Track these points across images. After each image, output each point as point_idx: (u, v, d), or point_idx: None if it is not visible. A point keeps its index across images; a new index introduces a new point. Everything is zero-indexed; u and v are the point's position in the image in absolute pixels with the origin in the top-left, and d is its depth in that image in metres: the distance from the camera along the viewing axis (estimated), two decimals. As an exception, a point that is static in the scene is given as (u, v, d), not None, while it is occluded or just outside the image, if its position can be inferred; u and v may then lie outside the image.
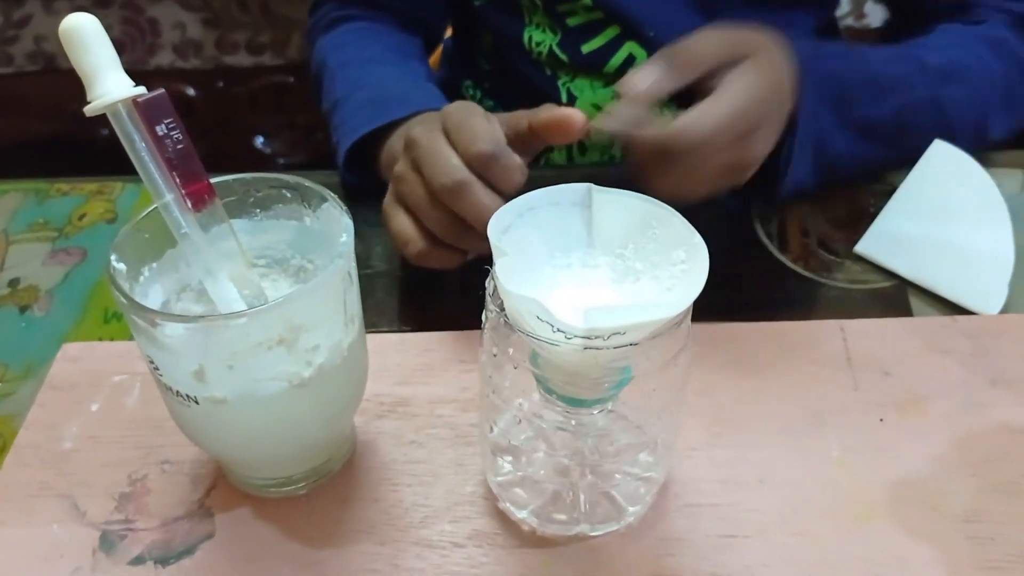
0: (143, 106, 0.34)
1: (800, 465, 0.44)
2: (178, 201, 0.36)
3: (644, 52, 0.68)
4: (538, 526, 0.41)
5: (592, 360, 0.33)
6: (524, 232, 0.35)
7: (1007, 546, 0.40)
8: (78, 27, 0.33)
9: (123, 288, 0.35)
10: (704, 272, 0.33)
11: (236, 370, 0.36)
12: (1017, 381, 0.47)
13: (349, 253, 0.37)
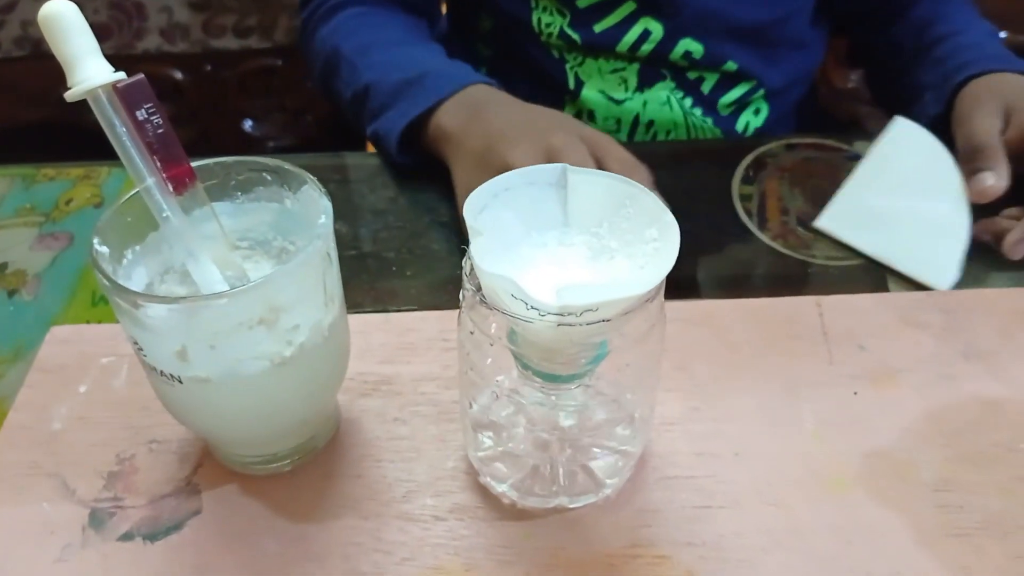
0: (123, 91, 0.35)
1: (775, 438, 0.44)
2: (159, 185, 0.36)
3: (660, 26, 0.68)
4: (518, 499, 0.42)
5: (566, 336, 0.34)
6: (500, 212, 0.36)
7: (975, 513, 0.41)
8: (57, 14, 0.34)
9: (106, 271, 0.36)
10: (675, 250, 0.34)
11: (218, 350, 0.36)
12: (989, 354, 0.48)
13: (328, 234, 0.38)
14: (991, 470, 0.43)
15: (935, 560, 0.39)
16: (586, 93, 0.72)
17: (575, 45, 0.70)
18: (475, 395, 0.42)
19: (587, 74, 0.72)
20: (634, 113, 0.72)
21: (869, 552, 0.40)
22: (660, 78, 0.71)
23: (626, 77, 0.71)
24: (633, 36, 0.69)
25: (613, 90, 0.71)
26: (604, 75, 0.71)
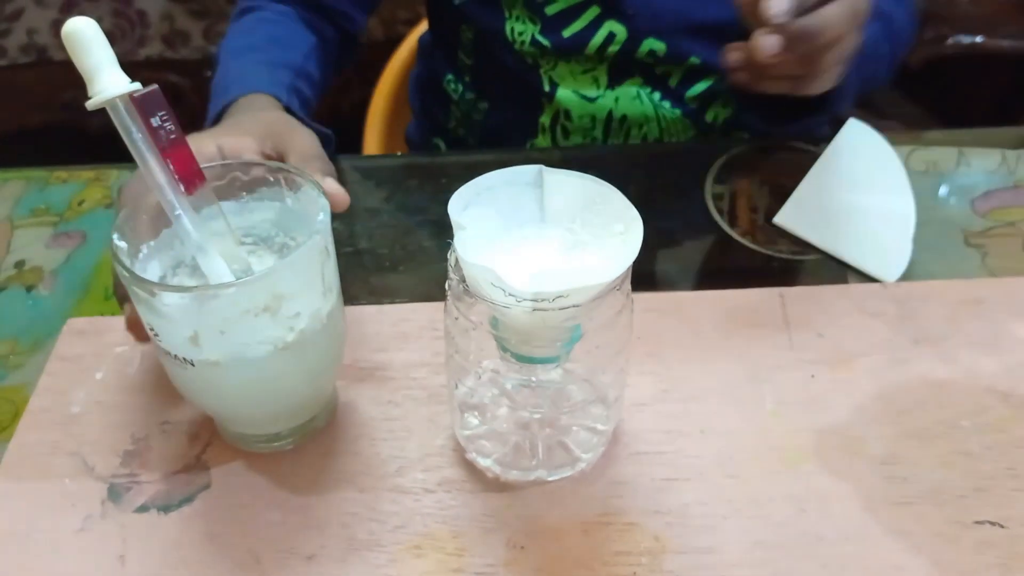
0: (139, 101, 0.38)
1: (737, 417, 0.48)
2: (172, 185, 0.40)
3: (623, 28, 0.72)
4: (501, 473, 0.45)
5: (542, 321, 0.38)
6: (482, 209, 0.40)
7: (918, 484, 0.45)
8: (78, 30, 0.37)
9: (124, 263, 0.39)
10: (639, 241, 0.37)
11: (227, 335, 0.40)
12: (938, 340, 0.52)
13: (326, 230, 0.42)
14: (934, 445, 0.47)
15: (880, 525, 0.43)
16: (560, 94, 0.75)
17: (547, 50, 0.74)
18: (461, 378, 0.45)
19: (560, 76, 0.75)
20: (607, 109, 0.76)
21: (820, 518, 0.43)
22: (629, 75, 0.75)
23: (597, 76, 0.74)
24: (599, 39, 0.72)
25: (586, 89, 0.75)
26: (576, 76, 0.74)
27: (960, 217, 0.62)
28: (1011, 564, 0.42)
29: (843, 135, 0.63)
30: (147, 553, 0.43)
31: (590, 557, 0.42)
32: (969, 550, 0.42)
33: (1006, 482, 0.45)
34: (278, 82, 0.64)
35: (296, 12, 0.75)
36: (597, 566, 0.42)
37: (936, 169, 0.66)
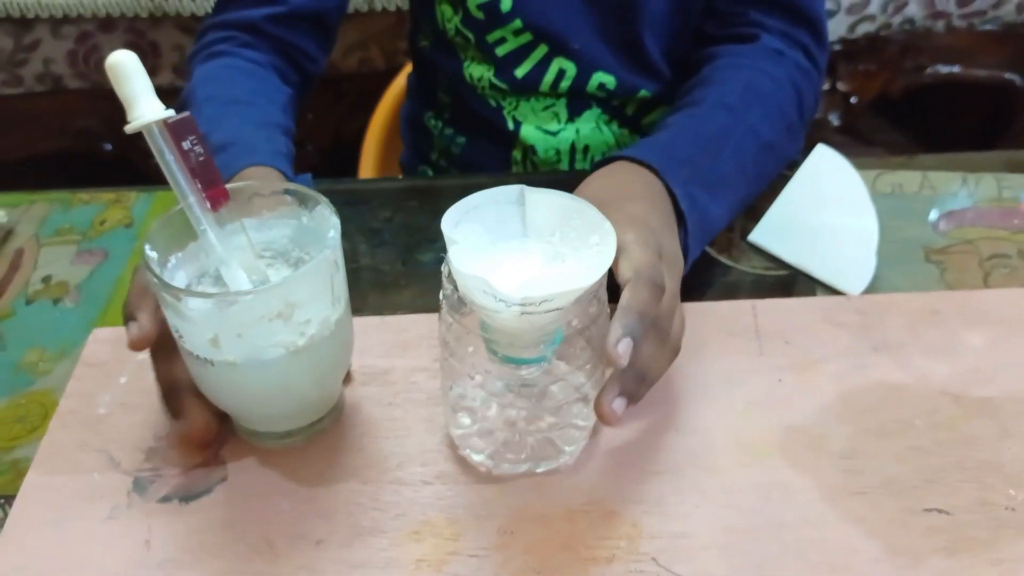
0: (172, 126, 0.43)
1: (710, 415, 0.52)
2: (199, 202, 0.44)
3: (572, 64, 0.76)
4: (492, 467, 0.49)
5: (528, 324, 0.42)
6: (471, 226, 0.44)
7: (873, 476, 0.49)
8: (121, 62, 0.42)
9: (155, 271, 0.43)
10: (612, 252, 0.42)
11: (244, 338, 0.44)
12: (896, 347, 0.56)
13: (336, 245, 0.46)
14: (889, 441, 0.51)
15: (838, 513, 0.47)
16: (524, 131, 0.80)
17: (506, 91, 0.78)
18: (455, 381, 0.49)
19: (522, 115, 0.80)
20: (570, 142, 0.80)
21: (784, 505, 0.47)
22: (587, 107, 0.79)
23: (557, 112, 0.79)
24: (551, 76, 0.77)
25: (548, 124, 0.79)
26: (538, 113, 0.79)
27: (922, 235, 0.66)
28: (955, 547, 0.45)
29: (812, 160, 0.68)
30: (170, 539, 0.47)
31: (574, 541, 0.46)
32: (918, 534, 0.46)
33: (953, 474, 0.49)
34: (276, 152, 0.65)
35: (267, 59, 0.77)
36: (580, 549, 0.46)
37: (901, 191, 0.70)
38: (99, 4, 1.33)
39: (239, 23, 0.77)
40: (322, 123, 1.50)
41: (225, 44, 0.77)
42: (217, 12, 0.79)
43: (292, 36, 0.79)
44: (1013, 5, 1.44)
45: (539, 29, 0.75)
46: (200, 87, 0.72)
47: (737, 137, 0.64)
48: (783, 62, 0.71)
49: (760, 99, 0.68)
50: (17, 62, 1.38)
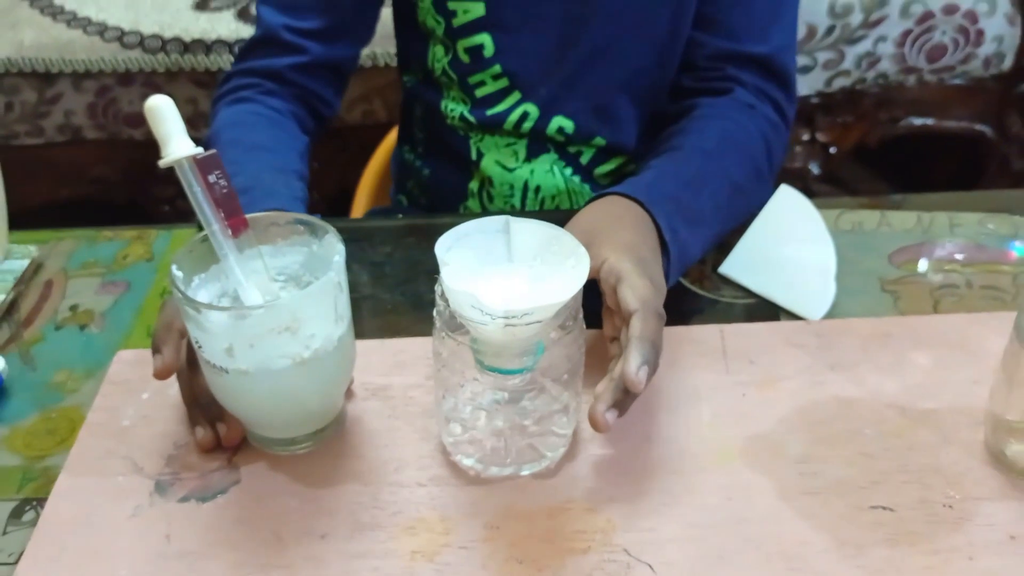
0: (200, 162, 0.48)
1: (680, 426, 0.57)
2: (222, 230, 0.50)
3: (535, 107, 0.83)
4: (481, 470, 0.54)
5: (512, 336, 0.47)
6: (462, 251, 0.50)
7: (825, 479, 0.54)
8: (158, 106, 0.48)
9: (179, 288, 0.49)
10: (586, 271, 0.47)
11: (255, 348, 0.49)
12: (850, 366, 0.61)
13: (340, 268, 0.51)
14: (841, 448, 0.55)
15: (792, 510, 0.52)
16: (485, 163, 0.87)
17: (474, 125, 0.85)
18: (447, 392, 0.54)
19: (486, 148, 0.86)
20: (524, 180, 0.86)
21: (744, 504, 0.52)
22: (545, 150, 0.86)
23: (517, 150, 0.86)
24: (515, 117, 0.83)
25: (507, 160, 0.86)
26: (500, 148, 0.86)
27: (878, 268, 0.71)
28: (897, 539, 0.50)
29: (776, 199, 0.74)
30: (188, 534, 0.52)
31: (553, 535, 0.51)
32: (864, 528, 0.51)
33: (898, 476, 0.54)
34: (293, 196, 0.71)
35: (289, 107, 0.83)
36: (559, 541, 0.50)
37: (861, 228, 0.76)
38: (119, 59, 1.41)
39: (263, 71, 0.84)
40: (327, 172, 1.57)
41: (250, 91, 0.83)
42: (242, 60, 0.86)
43: (312, 84, 0.85)
44: (980, 61, 1.52)
45: (514, 75, 0.82)
46: (225, 130, 0.79)
47: (714, 180, 0.71)
48: (755, 116, 0.78)
49: (734, 147, 0.74)
50: (40, 114, 1.45)
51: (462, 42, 0.82)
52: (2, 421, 0.61)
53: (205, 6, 1.45)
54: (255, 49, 0.85)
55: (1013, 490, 0.53)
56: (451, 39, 0.83)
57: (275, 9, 0.84)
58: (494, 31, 0.81)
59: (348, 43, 0.87)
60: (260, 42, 0.85)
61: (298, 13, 0.83)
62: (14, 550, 0.52)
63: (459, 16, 0.81)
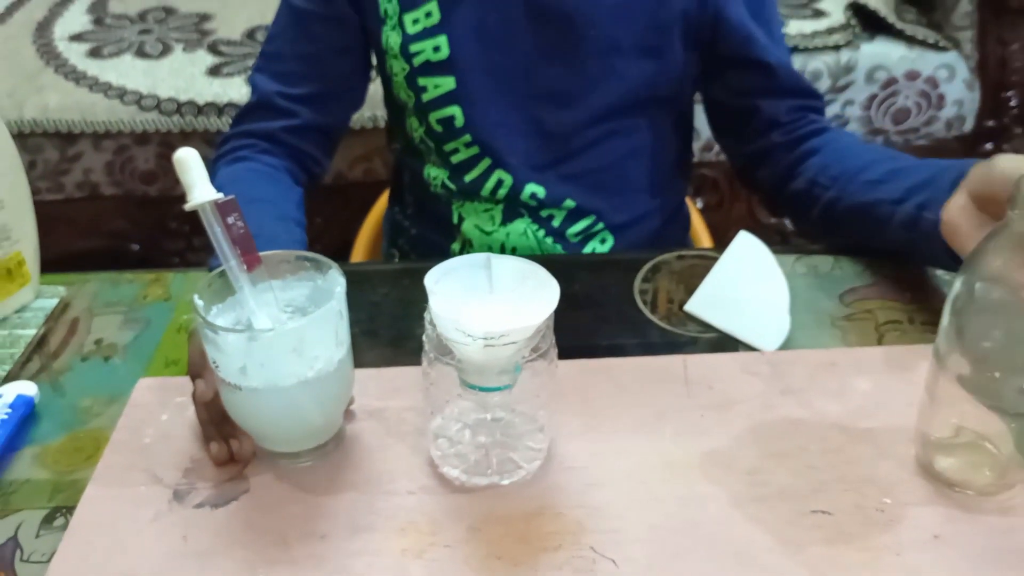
0: (220, 206, 0.56)
1: (644, 443, 0.63)
2: (238, 265, 0.57)
3: (508, 176, 0.90)
4: (465, 481, 0.60)
5: (491, 356, 0.54)
6: (448, 283, 0.56)
7: (772, 487, 0.60)
8: (185, 158, 0.55)
9: (201, 313, 0.55)
10: (555, 300, 0.54)
11: (265, 368, 0.56)
12: (798, 391, 0.68)
13: (341, 298, 0.58)
14: (787, 461, 0.61)
15: (741, 514, 0.58)
16: (465, 227, 0.94)
17: (455, 192, 0.93)
18: (435, 408, 0.60)
19: (466, 212, 0.94)
20: (500, 242, 0.93)
21: (699, 510, 0.58)
22: (519, 215, 0.93)
23: (493, 215, 0.93)
24: (491, 184, 0.91)
25: (485, 224, 0.93)
26: (478, 213, 0.93)
27: (829, 306, 0.78)
28: (834, 539, 0.56)
29: (735, 245, 0.81)
30: (203, 535, 0.57)
31: (529, 535, 0.57)
32: (805, 530, 0.57)
33: (837, 485, 0.60)
34: (293, 240, 0.79)
35: (282, 164, 0.91)
36: (534, 541, 0.56)
37: (815, 272, 0.83)
38: (136, 121, 1.49)
39: (259, 132, 0.91)
40: (330, 226, 1.65)
41: (246, 150, 0.90)
42: (238, 124, 0.93)
43: (303, 144, 0.92)
44: (942, 123, 1.61)
45: (484, 144, 0.89)
46: (226, 187, 0.84)
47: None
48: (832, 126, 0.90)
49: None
50: (61, 171, 1.53)
51: (433, 114, 0.89)
52: (34, 441, 0.67)
53: (218, 72, 1.55)
54: (250, 114, 0.92)
55: (939, 497, 0.59)
56: (422, 112, 0.90)
57: (268, 77, 0.91)
58: (464, 103, 0.88)
59: (337, 109, 0.94)
60: (255, 107, 0.92)
61: (289, 81, 0.90)
62: (46, 551, 0.58)
63: (429, 91, 0.88)
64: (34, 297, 0.82)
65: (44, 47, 1.64)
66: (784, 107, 0.90)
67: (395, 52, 0.88)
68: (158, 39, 1.65)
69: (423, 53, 0.87)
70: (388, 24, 0.88)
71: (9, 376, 0.73)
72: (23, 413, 0.68)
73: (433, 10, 0.86)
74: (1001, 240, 0.53)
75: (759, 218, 1.70)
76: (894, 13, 1.58)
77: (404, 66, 0.88)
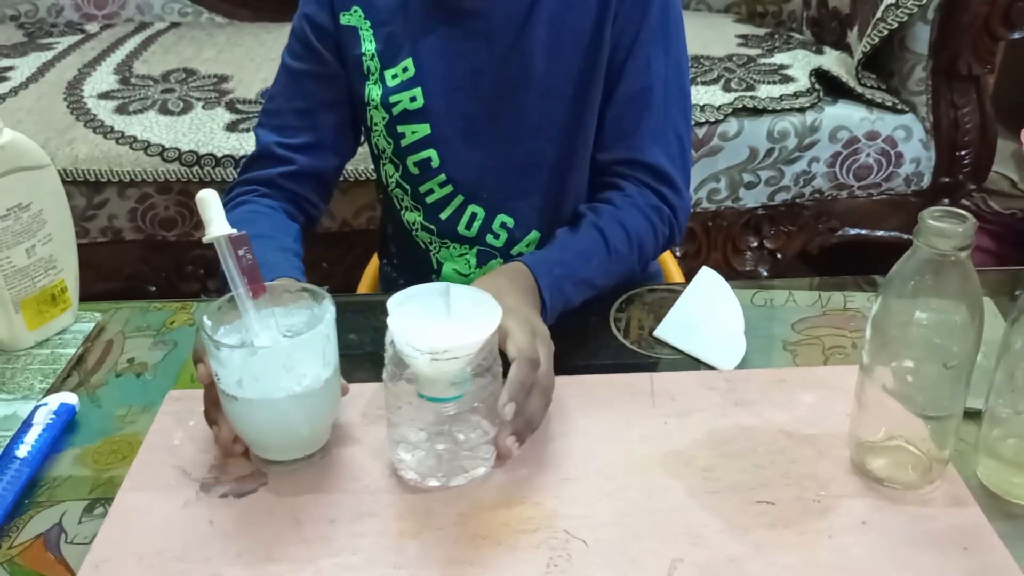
0: (233, 240, 0.63)
1: (613, 445, 0.71)
2: (245, 292, 0.64)
3: (481, 209, 0.98)
4: (419, 482, 0.66)
5: (439, 370, 0.61)
6: (410, 307, 0.63)
7: (724, 482, 0.67)
8: (205, 197, 0.63)
9: (207, 330, 0.62)
10: (497, 321, 0.61)
11: (259, 381, 0.62)
12: (751, 403, 0.75)
13: (330, 324, 0.64)
14: (738, 460, 0.69)
15: (696, 503, 0.65)
16: (445, 271, 1.02)
17: (433, 233, 1.01)
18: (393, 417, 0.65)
19: (444, 257, 1.02)
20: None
21: (659, 500, 0.65)
22: (493, 257, 1.01)
23: (469, 259, 1.01)
24: (465, 219, 0.99)
25: (461, 268, 1.01)
26: (455, 258, 1.01)
27: (783, 333, 0.86)
28: (775, 523, 0.63)
29: (698, 279, 0.89)
30: (227, 520, 0.64)
31: (510, 520, 0.64)
32: (751, 516, 0.64)
33: (780, 480, 0.67)
34: (292, 267, 0.86)
35: (280, 204, 0.98)
36: (514, 524, 0.63)
37: (771, 304, 0.91)
38: (159, 171, 1.59)
39: (259, 180, 0.99)
40: (335, 271, 1.73)
41: (247, 196, 0.98)
42: (242, 173, 1.01)
43: (299, 189, 1.00)
44: (902, 179, 1.71)
45: (458, 182, 0.98)
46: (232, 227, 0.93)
47: (602, 254, 0.88)
48: (638, 202, 0.94)
49: (622, 227, 0.91)
50: (87, 217, 1.62)
51: (411, 158, 0.98)
52: (75, 444, 0.74)
53: (235, 128, 1.65)
54: (253, 164, 1.00)
55: (868, 491, 0.66)
56: (400, 157, 0.98)
57: (268, 130, 1.00)
58: (438, 146, 0.97)
59: (330, 156, 1.02)
60: (256, 157, 1.00)
61: (287, 133, 0.99)
62: (88, 534, 0.65)
63: (407, 137, 0.97)
64: (73, 321, 0.90)
65: (74, 103, 1.74)
66: (602, 161, 0.96)
67: (376, 103, 0.97)
68: (180, 97, 1.75)
69: (401, 103, 0.96)
70: (371, 79, 0.97)
71: (52, 388, 0.81)
72: (66, 419, 0.75)
73: (409, 65, 0.95)
74: (910, 263, 0.61)
75: (734, 266, 1.79)
76: (855, 79, 1.68)
77: (384, 115, 0.97)
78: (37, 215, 0.84)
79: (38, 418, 0.73)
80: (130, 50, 2.02)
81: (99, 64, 1.93)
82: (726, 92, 1.66)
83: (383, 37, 0.95)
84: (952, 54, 1.61)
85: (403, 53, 0.95)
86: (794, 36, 1.96)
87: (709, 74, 1.73)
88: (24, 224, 0.83)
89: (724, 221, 1.74)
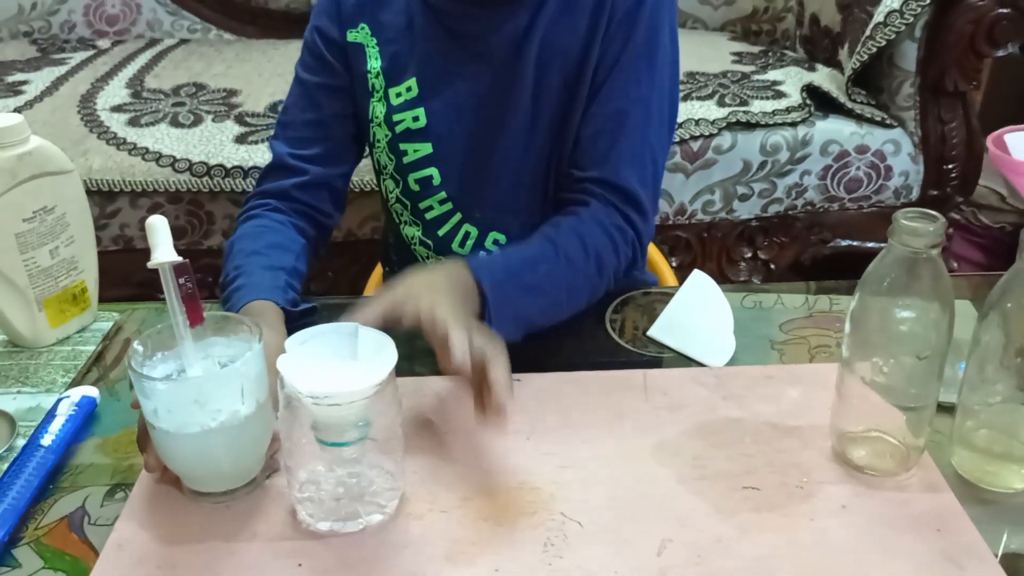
0: (176, 267, 0.63)
1: (607, 435, 0.74)
2: (183, 320, 0.63)
3: (475, 229, 1.01)
4: (315, 525, 0.65)
5: (328, 414, 0.60)
6: (314, 346, 0.62)
7: (712, 469, 0.70)
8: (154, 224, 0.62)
9: (133, 361, 0.62)
10: (391, 366, 0.60)
11: (172, 414, 0.62)
12: (739, 397, 0.79)
13: (251, 361, 0.62)
14: (725, 450, 0.72)
15: (686, 488, 0.68)
16: None
17: (430, 248, 1.04)
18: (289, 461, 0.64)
19: None
20: None
21: (651, 485, 0.69)
22: None
23: None
24: (460, 236, 1.02)
25: None
26: None
27: (771, 333, 0.90)
28: (760, 507, 0.66)
29: (690, 281, 0.93)
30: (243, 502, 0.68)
31: (511, 503, 0.67)
32: (737, 501, 0.67)
33: (765, 468, 0.70)
34: (275, 287, 0.86)
35: (289, 219, 1.00)
36: (515, 507, 0.67)
37: (760, 306, 0.95)
38: (170, 181, 1.63)
39: (273, 192, 1.01)
40: (340, 280, 1.77)
41: (260, 208, 1.00)
42: (259, 185, 1.03)
43: (312, 199, 1.02)
44: (891, 192, 1.75)
45: (457, 200, 1.00)
46: (236, 242, 0.95)
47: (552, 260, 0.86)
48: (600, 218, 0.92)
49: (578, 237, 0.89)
50: (99, 227, 1.66)
51: (413, 175, 1.01)
52: (96, 434, 0.78)
53: (244, 140, 1.69)
54: (268, 175, 1.02)
55: (849, 478, 0.70)
56: (401, 174, 1.01)
57: (282, 142, 1.02)
58: (440, 165, 0.99)
59: (341, 165, 1.04)
60: (272, 168, 1.02)
61: (300, 143, 1.02)
62: (110, 517, 0.68)
63: (410, 155, 1.00)
64: (93, 320, 0.94)
65: (88, 116, 1.78)
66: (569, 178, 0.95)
67: (379, 121, 1.00)
68: (190, 111, 1.80)
69: (404, 122, 0.99)
70: (375, 96, 1.00)
71: (73, 383, 0.84)
72: (88, 411, 0.79)
73: (413, 85, 0.98)
74: (886, 261, 0.65)
75: (729, 276, 1.83)
76: (845, 94, 1.73)
77: (387, 133, 1.00)
78: (61, 218, 0.88)
79: (61, 409, 0.77)
80: (141, 65, 2.06)
81: (111, 78, 1.98)
82: (720, 107, 1.71)
83: (389, 55, 0.99)
84: (939, 71, 1.66)
85: (408, 72, 0.98)
86: (787, 54, 2.01)
87: (704, 89, 1.78)
88: (48, 226, 0.87)
89: (719, 232, 1.78)
